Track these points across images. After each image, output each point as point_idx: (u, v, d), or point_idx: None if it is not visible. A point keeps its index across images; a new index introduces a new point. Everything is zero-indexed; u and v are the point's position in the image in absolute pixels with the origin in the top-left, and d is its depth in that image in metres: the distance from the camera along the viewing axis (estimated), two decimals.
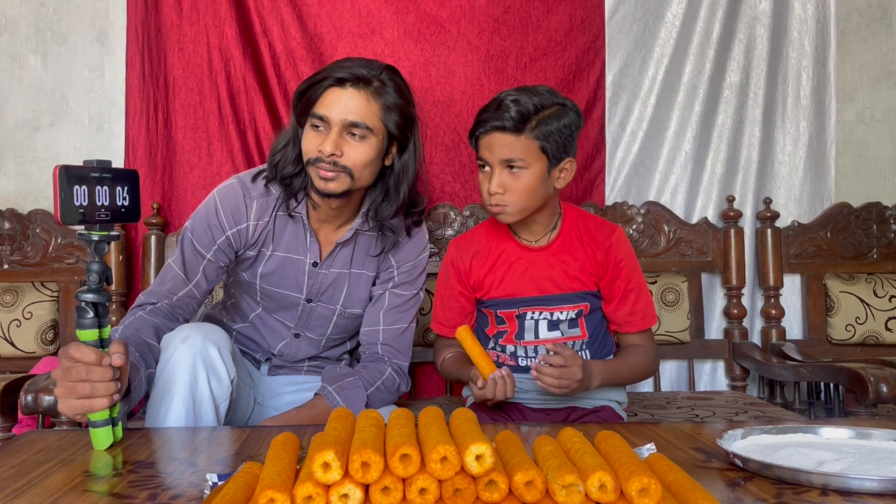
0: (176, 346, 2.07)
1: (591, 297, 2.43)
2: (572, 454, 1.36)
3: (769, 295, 3.43)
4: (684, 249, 3.38)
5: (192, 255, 2.36)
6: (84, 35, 3.32)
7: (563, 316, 2.40)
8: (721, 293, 3.47)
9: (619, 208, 3.37)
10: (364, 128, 2.20)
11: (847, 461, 1.50)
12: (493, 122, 2.23)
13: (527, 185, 2.26)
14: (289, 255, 2.42)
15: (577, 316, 2.41)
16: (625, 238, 2.45)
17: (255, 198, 2.37)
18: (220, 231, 2.35)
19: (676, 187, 3.48)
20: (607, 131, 3.43)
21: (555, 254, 2.41)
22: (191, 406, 2.05)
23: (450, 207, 3.28)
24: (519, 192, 2.26)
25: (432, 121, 3.30)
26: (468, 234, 2.57)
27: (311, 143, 2.23)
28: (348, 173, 2.22)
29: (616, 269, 2.40)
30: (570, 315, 2.41)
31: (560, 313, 2.40)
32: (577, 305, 2.41)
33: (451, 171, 3.34)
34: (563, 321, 2.40)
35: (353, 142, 2.22)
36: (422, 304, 2.58)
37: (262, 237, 2.40)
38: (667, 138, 3.46)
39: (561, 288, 2.40)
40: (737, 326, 3.39)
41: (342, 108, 2.20)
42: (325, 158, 2.20)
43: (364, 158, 2.23)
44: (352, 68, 2.21)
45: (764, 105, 3.48)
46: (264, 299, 2.49)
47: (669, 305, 3.27)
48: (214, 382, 2.09)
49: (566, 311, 2.40)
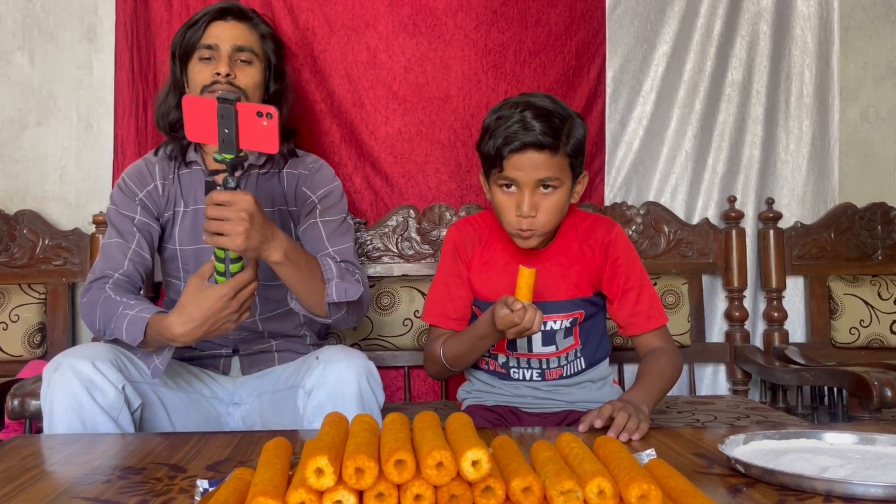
0: (49, 377, 2.10)
1: (587, 304, 2.40)
2: (571, 460, 1.37)
3: (771, 297, 3.42)
4: (685, 251, 3.37)
5: (121, 220, 2.46)
6: (72, 32, 3.30)
7: (557, 326, 2.37)
8: (722, 295, 3.46)
9: (619, 209, 3.35)
10: (251, 51, 2.49)
11: (851, 467, 1.50)
12: (525, 139, 2.15)
13: (558, 204, 2.22)
14: (199, 207, 2.50)
15: (573, 324, 2.39)
16: (623, 235, 2.41)
17: (157, 162, 2.55)
18: (133, 195, 2.49)
19: (677, 187, 3.47)
20: (607, 129, 3.40)
21: (552, 258, 2.38)
22: (80, 428, 2.07)
23: (445, 208, 3.26)
24: (550, 212, 2.22)
25: (428, 117, 3.29)
26: (470, 219, 2.52)
27: (202, 73, 2.45)
28: (245, 97, 2.41)
29: (614, 267, 2.37)
30: (566, 324, 2.37)
31: (555, 323, 2.36)
32: (573, 314, 2.38)
33: (447, 170, 3.31)
34: (557, 331, 2.38)
35: (242, 66, 2.48)
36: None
37: (171, 195, 2.52)
38: (667, 137, 3.45)
39: (556, 295, 2.36)
40: (738, 329, 3.38)
41: (229, 36, 2.47)
42: (222, 81, 2.40)
43: (254, 80, 2.49)
44: (228, 5, 2.51)
45: (766, 103, 3.46)
46: (190, 273, 2.46)
47: (670, 308, 3.24)
48: (100, 396, 2.10)
49: (561, 319, 2.37)
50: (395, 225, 3.28)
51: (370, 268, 3.25)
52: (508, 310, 2.07)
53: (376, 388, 2.20)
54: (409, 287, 3.26)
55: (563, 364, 2.40)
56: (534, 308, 2.06)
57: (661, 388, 2.24)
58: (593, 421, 1.97)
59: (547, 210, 2.21)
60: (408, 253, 3.28)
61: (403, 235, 3.28)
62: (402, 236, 3.28)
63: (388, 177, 3.34)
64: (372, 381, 2.19)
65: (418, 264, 3.28)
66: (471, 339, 2.30)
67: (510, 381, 2.42)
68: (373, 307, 3.20)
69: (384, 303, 3.23)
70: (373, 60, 3.28)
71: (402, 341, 3.24)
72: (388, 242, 3.28)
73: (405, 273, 3.28)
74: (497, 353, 2.42)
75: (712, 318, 3.48)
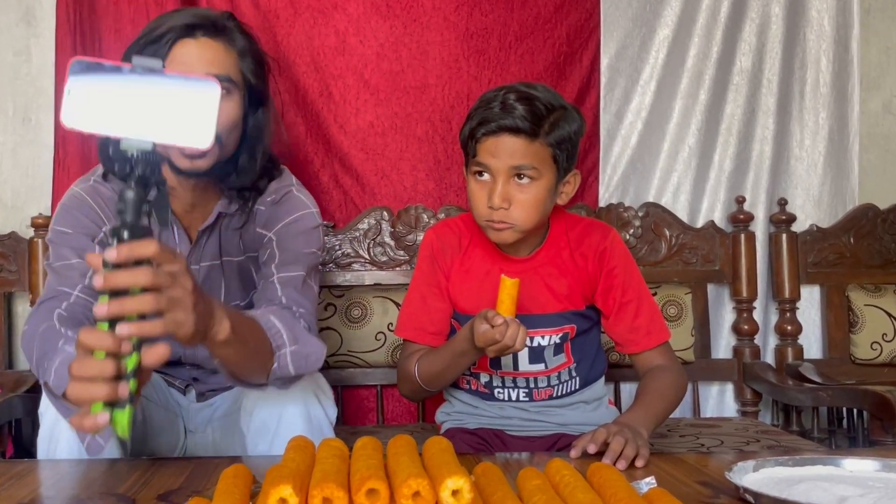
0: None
1: (579, 318, 2.38)
2: (561, 489, 1.37)
3: (784, 309, 3.40)
4: (688, 257, 3.36)
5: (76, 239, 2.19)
6: (7, 14, 3.26)
7: (545, 341, 2.35)
8: (730, 307, 3.45)
9: (615, 210, 3.35)
10: (227, 81, 2.12)
11: (873, 497, 1.49)
12: (501, 120, 2.13)
13: (535, 198, 2.19)
14: None
15: (563, 340, 2.37)
16: (620, 241, 2.40)
17: (108, 201, 2.24)
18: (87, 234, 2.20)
19: (679, 186, 3.45)
20: (602, 122, 3.39)
21: (538, 267, 2.36)
22: None
23: (422, 209, 3.27)
24: (526, 206, 2.18)
25: (403, 109, 3.29)
26: (450, 222, 2.49)
27: None
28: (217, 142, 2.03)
29: (609, 278, 2.35)
30: (555, 340, 2.36)
31: (542, 338, 2.35)
32: (563, 328, 2.36)
33: (424, 167, 3.32)
34: (546, 347, 2.36)
35: None
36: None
37: None
38: (668, 131, 3.43)
39: (544, 308, 2.34)
40: (748, 344, 3.37)
41: (201, 61, 2.11)
42: None
43: (231, 118, 2.15)
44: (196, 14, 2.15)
45: (778, 93, 3.44)
46: None
47: (671, 321, 3.21)
48: None
49: (549, 334, 2.35)
50: (367, 228, 3.27)
51: (339, 275, 3.24)
52: (488, 325, 2.03)
53: (326, 403, 2.17)
54: (382, 297, 3.24)
55: (553, 384, 2.39)
56: (517, 323, 2.03)
57: (663, 409, 2.22)
58: (586, 446, 1.95)
59: (522, 204, 2.18)
60: (381, 259, 3.27)
61: (376, 240, 3.27)
62: (375, 241, 3.27)
63: (359, 175, 3.32)
64: (320, 393, 2.16)
65: (392, 272, 3.27)
66: (448, 357, 2.27)
67: (494, 402, 2.41)
68: (342, 320, 3.20)
69: (354, 315, 3.21)
70: (342, 46, 3.26)
71: (374, 357, 3.21)
72: (359, 248, 3.27)
73: (378, 282, 3.27)
74: (479, 372, 2.41)
75: (718, 332, 3.46)
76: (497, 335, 2.02)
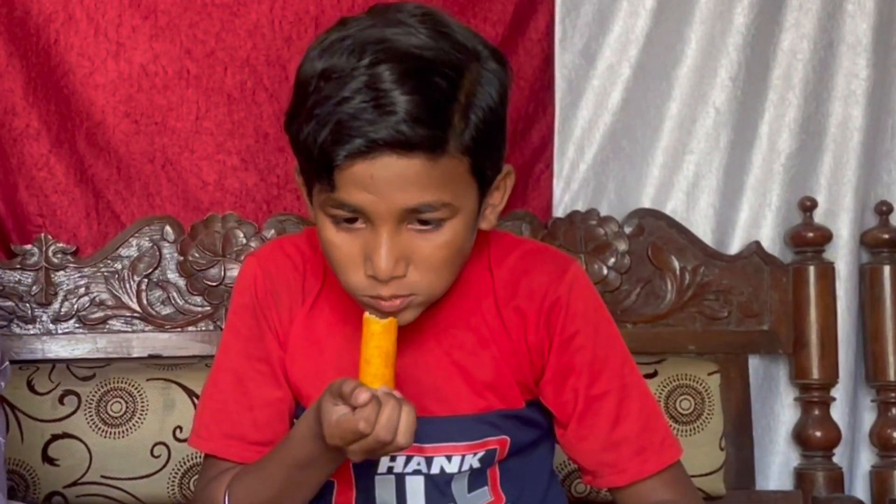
0: None
1: (513, 425, 1.69)
2: None
3: (888, 402, 2.49)
4: (713, 307, 2.47)
5: None
6: None
7: (452, 466, 1.66)
8: (790, 397, 2.54)
9: (581, 224, 2.45)
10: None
11: None
12: (376, 132, 1.41)
13: (448, 247, 1.53)
14: None
15: (485, 464, 1.68)
16: (585, 284, 1.70)
17: None
18: None
19: (696, 182, 2.49)
20: (558, 67, 2.43)
21: (441, 332, 1.66)
22: None
23: (236, 221, 2.43)
24: (435, 264, 1.52)
25: (200, 44, 2.47)
26: (284, 244, 1.82)
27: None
28: None
29: (564, 353, 1.62)
30: (472, 463, 1.67)
31: (446, 461, 1.65)
32: (485, 442, 1.66)
33: (238, 147, 2.49)
34: (456, 476, 1.67)
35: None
36: None
37: None
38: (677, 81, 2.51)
39: (452, 406, 1.66)
40: (822, 465, 2.47)
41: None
42: None
43: None
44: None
45: (876, 14, 2.47)
46: None
47: (684, 423, 2.36)
48: None
49: (462, 453, 1.65)
50: (135, 256, 2.44)
51: (85, 341, 2.48)
52: (346, 407, 1.42)
53: None
54: (163, 381, 2.41)
55: None
56: (395, 399, 1.41)
57: None
58: None
59: (427, 262, 1.52)
60: (161, 312, 2.46)
61: (152, 278, 2.45)
62: (150, 279, 2.45)
63: (119, 160, 2.47)
64: None
65: (182, 334, 2.48)
66: (283, 471, 1.64)
67: None
68: (90, 421, 2.41)
69: (112, 412, 2.39)
70: None
71: (148, 489, 2.39)
72: (120, 291, 2.45)
73: (156, 352, 2.47)
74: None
75: (769, 443, 2.61)
76: (361, 424, 1.40)
